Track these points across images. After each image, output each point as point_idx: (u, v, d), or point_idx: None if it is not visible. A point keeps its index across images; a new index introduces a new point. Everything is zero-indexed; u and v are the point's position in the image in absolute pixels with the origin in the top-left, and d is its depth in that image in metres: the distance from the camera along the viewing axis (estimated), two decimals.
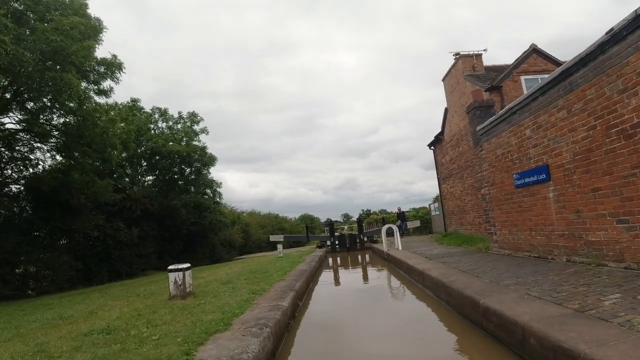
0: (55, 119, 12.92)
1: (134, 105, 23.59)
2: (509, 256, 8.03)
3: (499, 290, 5.03)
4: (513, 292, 4.83)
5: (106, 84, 14.48)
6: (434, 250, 11.15)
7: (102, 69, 14.18)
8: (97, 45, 13.80)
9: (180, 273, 6.68)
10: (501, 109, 9.41)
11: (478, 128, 9.07)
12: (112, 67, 14.15)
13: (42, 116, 11.98)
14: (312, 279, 9.19)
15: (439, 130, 18.39)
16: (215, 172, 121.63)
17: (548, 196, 6.80)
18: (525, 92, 11.43)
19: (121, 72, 14.31)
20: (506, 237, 8.34)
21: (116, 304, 7.32)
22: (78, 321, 5.91)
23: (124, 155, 21.05)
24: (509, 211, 8.08)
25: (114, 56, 14.12)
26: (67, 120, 13.05)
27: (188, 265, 6.79)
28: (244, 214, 37.33)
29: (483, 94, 10.01)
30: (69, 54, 10.72)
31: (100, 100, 14.47)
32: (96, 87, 14.37)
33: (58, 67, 11.28)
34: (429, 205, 24.13)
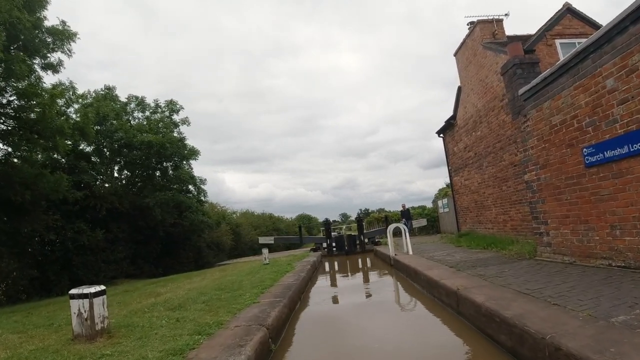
0: None
1: (107, 94, 21.16)
2: (573, 265, 5.71)
3: (628, 340, 2.72)
4: None
5: (55, 56, 12.10)
6: (456, 256, 8.82)
7: (49, 39, 11.81)
8: (42, 10, 11.48)
9: (86, 301, 4.33)
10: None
11: (521, 91, 6.74)
12: (62, 36, 11.77)
13: None
14: (299, 298, 6.83)
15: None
16: (215, 174, 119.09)
17: None
18: (562, 58, 9.12)
19: (71, 43, 11.92)
20: (567, 239, 6.01)
21: (8, 340, 4.98)
22: None
23: (91, 146, 18.68)
24: (573, 202, 5.75)
25: (63, 22, 11.76)
26: None
27: (100, 288, 4.46)
28: (235, 214, 34.83)
29: (522, 49, 7.68)
30: None
31: (47, 76, 12.08)
32: (43, 60, 11.98)
33: None
34: (438, 201, 21.83)
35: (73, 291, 4.42)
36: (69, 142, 16.36)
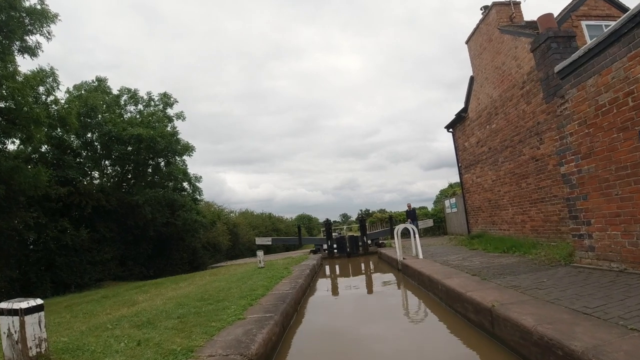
0: None
1: (99, 85, 20.23)
2: (626, 274, 4.71)
3: None
4: None
5: (33, 39, 11.18)
6: (474, 260, 7.83)
7: (26, 20, 10.87)
8: None
9: (16, 319, 3.34)
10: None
11: (558, 68, 5.75)
12: (40, 16, 10.85)
13: None
14: (295, 311, 5.84)
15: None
16: (216, 174, 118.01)
17: None
18: (588, 41, 8.14)
19: (51, 25, 10.99)
20: (616, 242, 5.01)
21: None
22: None
23: (80, 140, 17.73)
24: (625, 197, 4.75)
25: (41, 0, 10.81)
26: None
27: (36, 302, 3.43)
28: (233, 213, 33.79)
29: (555, 21, 6.70)
30: None
31: (25, 60, 11.15)
32: (20, 43, 11.04)
33: None
34: (445, 201, 20.83)
35: (2, 305, 3.42)
36: (54, 134, 15.46)
